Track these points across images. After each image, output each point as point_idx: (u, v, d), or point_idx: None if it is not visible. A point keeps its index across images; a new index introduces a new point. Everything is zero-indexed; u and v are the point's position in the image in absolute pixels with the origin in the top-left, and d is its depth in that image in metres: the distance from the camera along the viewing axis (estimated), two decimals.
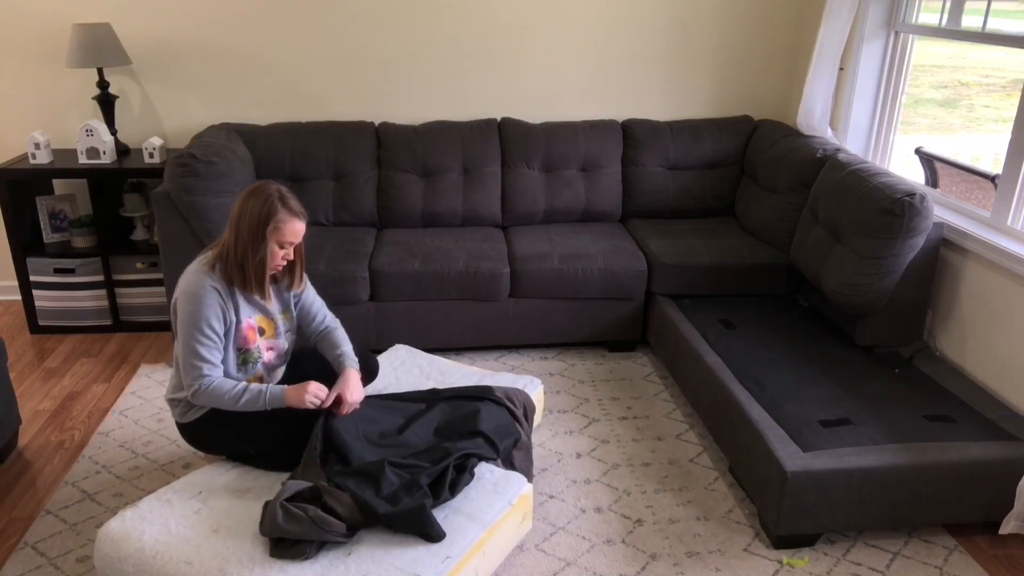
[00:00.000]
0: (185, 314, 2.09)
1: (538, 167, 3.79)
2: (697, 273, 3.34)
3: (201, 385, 2.09)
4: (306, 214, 2.19)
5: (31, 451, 2.78)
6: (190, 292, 2.10)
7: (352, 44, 3.81)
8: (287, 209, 2.13)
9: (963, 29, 3.13)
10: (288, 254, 2.19)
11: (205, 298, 2.09)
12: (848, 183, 2.96)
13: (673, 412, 3.07)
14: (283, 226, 2.12)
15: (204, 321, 2.09)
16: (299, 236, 2.18)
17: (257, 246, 2.11)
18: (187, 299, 2.09)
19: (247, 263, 2.13)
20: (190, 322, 2.08)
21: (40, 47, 3.67)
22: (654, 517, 2.46)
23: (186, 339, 2.09)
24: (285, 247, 2.17)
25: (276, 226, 2.11)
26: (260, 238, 2.11)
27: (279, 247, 2.16)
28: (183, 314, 2.10)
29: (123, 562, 1.90)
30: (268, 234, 2.11)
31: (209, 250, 2.21)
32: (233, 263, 2.13)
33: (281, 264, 2.20)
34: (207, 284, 2.10)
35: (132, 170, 3.50)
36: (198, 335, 2.09)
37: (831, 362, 2.79)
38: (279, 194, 2.14)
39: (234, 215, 2.14)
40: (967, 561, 2.30)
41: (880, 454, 2.25)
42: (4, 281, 4.03)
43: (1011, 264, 2.60)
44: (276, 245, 2.15)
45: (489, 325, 3.40)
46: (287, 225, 2.12)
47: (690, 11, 3.91)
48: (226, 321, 2.14)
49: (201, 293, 2.09)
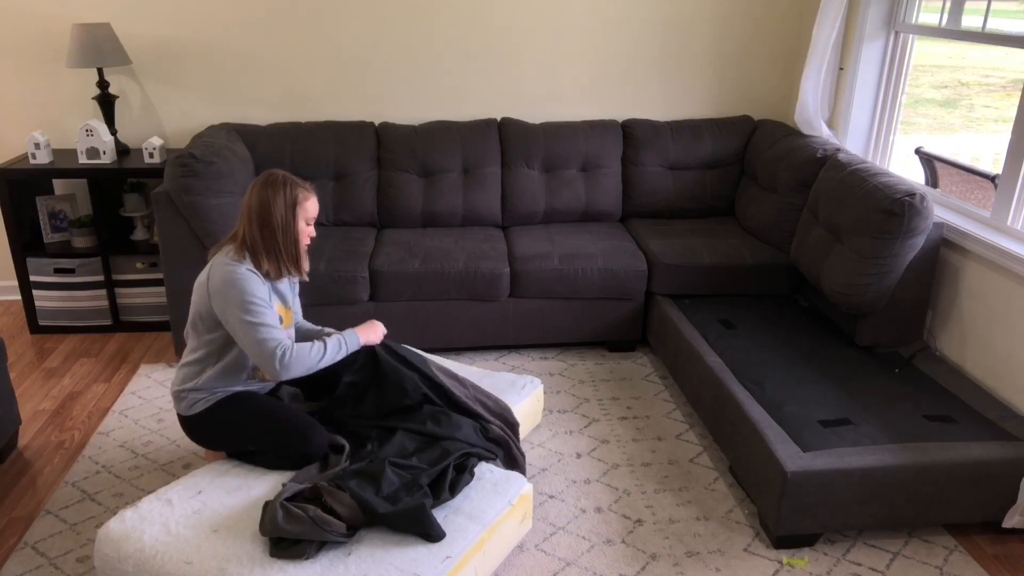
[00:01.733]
0: (232, 300, 2.11)
1: (538, 167, 3.79)
2: (697, 273, 3.34)
3: (285, 357, 2.12)
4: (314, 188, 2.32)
5: (31, 451, 2.78)
6: (229, 279, 2.13)
7: (352, 44, 3.81)
8: (304, 189, 2.25)
9: (963, 29, 3.13)
10: (311, 230, 2.29)
11: (246, 277, 2.14)
12: (848, 183, 2.96)
13: (673, 412, 3.07)
14: (307, 203, 2.24)
15: (253, 296, 2.12)
16: (317, 210, 2.31)
17: (289, 230, 2.20)
18: (228, 285, 2.12)
19: (282, 251, 2.21)
20: (241, 304, 2.11)
21: (40, 47, 3.67)
22: (654, 517, 2.46)
23: (245, 321, 2.11)
24: (310, 223, 2.29)
25: (302, 206, 2.23)
26: (292, 221, 2.21)
27: (306, 224, 2.27)
28: (231, 301, 2.11)
29: (123, 562, 1.90)
30: (299, 215, 2.22)
31: (227, 247, 2.22)
32: (264, 253, 2.19)
33: (308, 240, 2.30)
34: (242, 268, 2.15)
35: (132, 170, 3.50)
36: (255, 311, 2.12)
37: (831, 362, 2.79)
38: (289, 179, 2.24)
39: (252, 209, 2.19)
40: (967, 561, 2.30)
41: (880, 454, 2.25)
42: (4, 281, 4.03)
43: (1011, 264, 2.60)
44: (304, 223, 2.26)
45: (489, 325, 3.40)
46: (309, 203, 2.25)
47: (690, 11, 3.91)
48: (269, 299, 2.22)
49: (240, 274, 2.14)
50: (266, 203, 2.18)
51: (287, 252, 2.22)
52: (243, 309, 2.10)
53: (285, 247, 2.21)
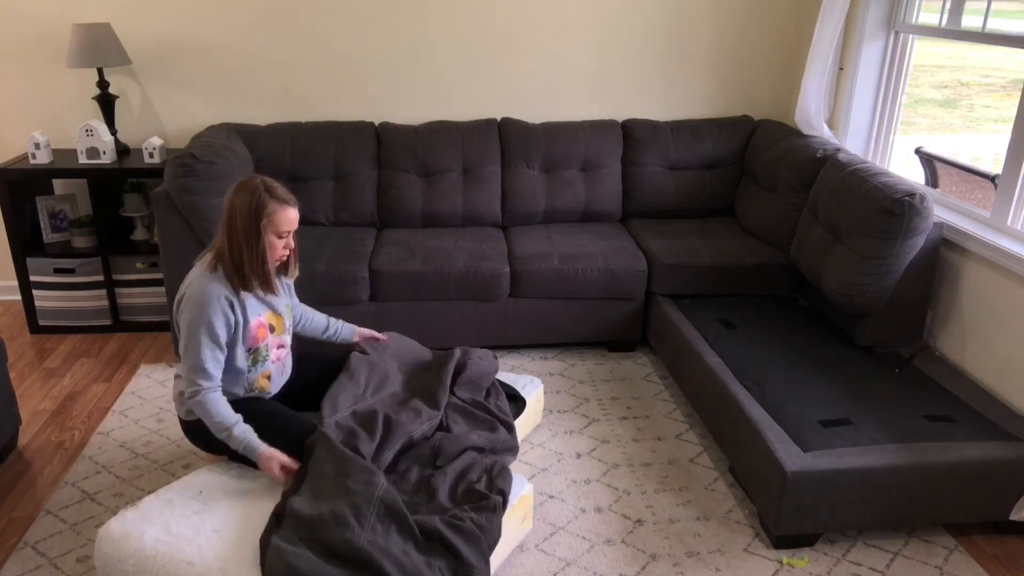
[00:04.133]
0: (190, 321, 2.08)
1: (538, 167, 3.79)
2: (697, 273, 3.34)
3: (198, 398, 2.08)
4: (295, 200, 2.17)
5: (31, 451, 2.78)
6: (195, 299, 2.08)
7: (352, 44, 3.81)
8: (275, 199, 2.10)
9: (963, 29, 3.13)
10: (288, 243, 2.18)
11: (210, 305, 2.07)
12: (848, 183, 2.96)
13: (673, 412, 3.07)
14: (276, 216, 2.09)
15: (207, 330, 2.07)
16: (294, 224, 2.15)
17: (253, 243, 2.08)
18: (192, 306, 2.08)
19: (245, 263, 2.10)
20: (194, 330, 2.07)
21: (40, 47, 3.67)
22: (654, 517, 2.46)
23: (190, 346, 2.08)
24: (283, 236, 2.15)
25: (269, 218, 2.09)
26: (255, 234, 2.08)
27: (277, 238, 2.14)
28: (189, 321, 2.08)
29: (123, 562, 1.90)
30: (263, 228, 2.08)
31: (207, 253, 2.19)
32: (231, 265, 2.10)
33: (284, 255, 2.19)
34: (213, 291, 2.08)
35: (132, 170, 3.50)
36: (201, 346, 2.07)
37: (831, 362, 2.79)
38: (264, 185, 2.10)
39: (224, 216, 2.11)
40: (967, 561, 2.30)
41: (880, 454, 2.25)
42: (4, 281, 4.03)
43: (1011, 264, 2.60)
44: (274, 236, 2.12)
45: (489, 325, 3.40)
46: (279, 215, 2.09)
47: (690, 11, 3.91)
48: (233, 326, 2.13)
49: (206, 300, 2.07)
50: (232, 210, 2.08)
51: (251, 267, 2.10)
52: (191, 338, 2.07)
53: (250, 261, 2.09)
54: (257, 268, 2.11)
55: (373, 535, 1.87)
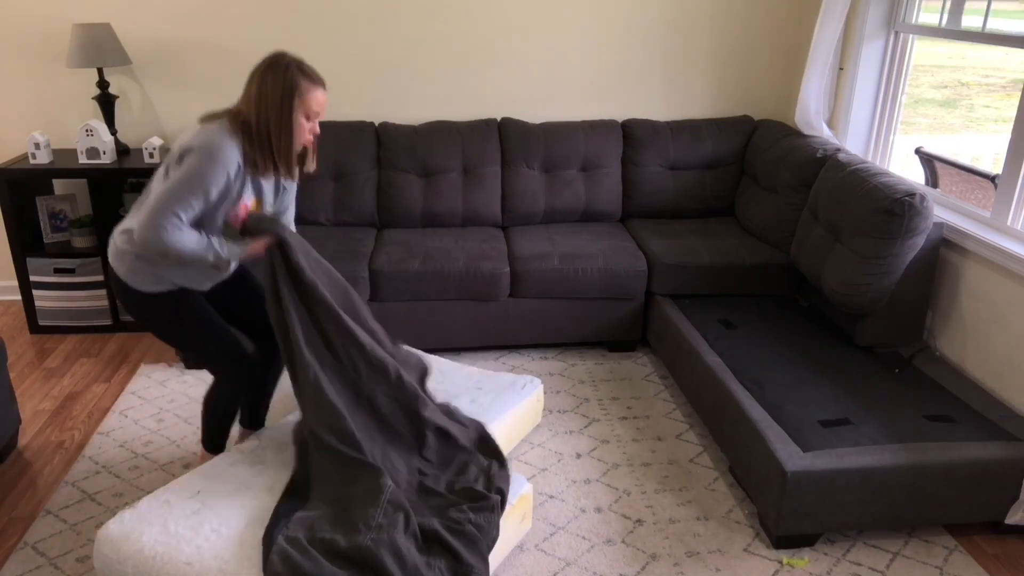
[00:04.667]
0: (192, 168, 1.95)
1: (538, 167, 3.79)
2: (697, 273, 3.34)
3: (166, 235, 1.94)
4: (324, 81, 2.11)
5: (31, 451, 2.78)
6: (207, 150, 1.96)
7: (352, 44, 3.81)
8: (308, 78, 2.04)
9: (963, 29, 3.12)
10: (314, 127, 2.11)
11: (220, 163, 1.96)
12: (848, 183, 2.95)
13: (673, 412, 3.07)
14: (308, 96, 2.03)
15: (202, 184, 1.95)
16: (323, 106, 2.10)
17: (284, 122, 2.01)
18: (201, 156, 1.95)
19: (272, 140, 2.01)
20: (192, 179, 1.95)
21: (40, 47, 3.67)
22: (654, 517, 2.46)
23: (179, 190, 1.95)
24: (311, 119, 2.08)
25: (301, 97, 2.01)
26: (288, 112, 2.00)
27: (307, 119, 2.07)
28: (190, 167, 1.95)
29: (123, 564, 1.90)
30: (295, 107, 2.01)
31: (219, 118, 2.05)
32: (257, 143, 2.02)
33: (310, 138, 2.12)
34: (229, 153, 1.98)
35: (132, 170, 3.49)
36: (191, 196, 1.95)
37: (831, 362, 2.79)
38: (297, 64, 2.03)
39: (251, 93, 2.02)
40: (967, 561, 2.30)
41: (880, 454, 2.25)
42: (4, 281, 4.03)
43: (1011, 264, 2.60)
44: (303, 117, 2.06)
45: (489, 325, 3.40)
46: (311, 94, 2.03)
47: (690, 11, 3.90)
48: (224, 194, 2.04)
49: (218, 156, 1.96)
50: (264, 88, 1.99)
51: (277, 146, 2.02)
52: (185, 184, 1.95)
53: (276, 141, 2.01)
54: (283, 148, 2.04)
55: (378, 533, 1.87)
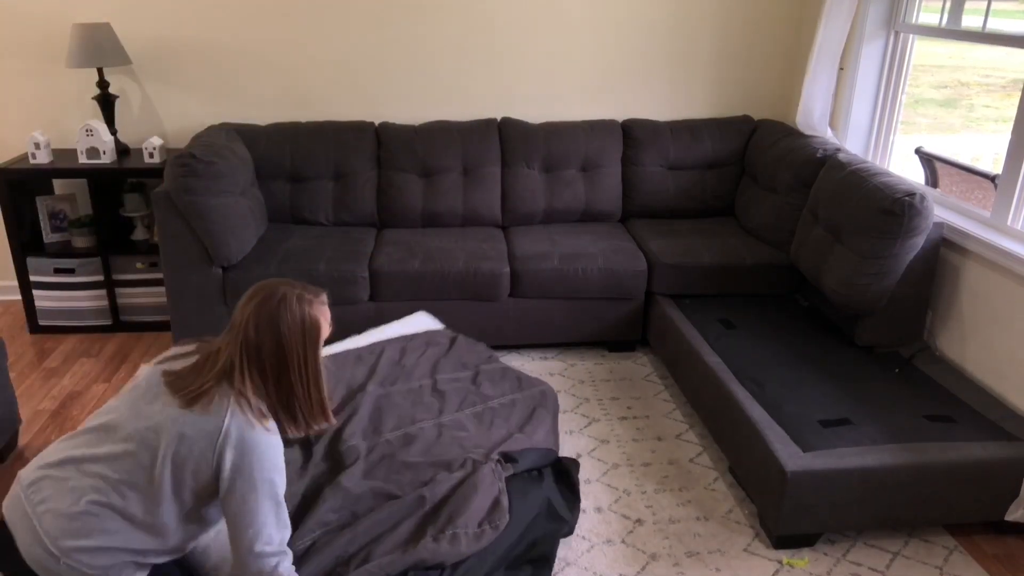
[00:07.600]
0: (262, 480, 1.60)
1: (538, 167, 3.79)
2: (697, 273, 3.34)
3: (280, 566, 1.63)
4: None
5: (31, 451, 2.77)
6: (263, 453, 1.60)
7: (352, 44, 3.81)
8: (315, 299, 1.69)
9: (963, 29, 3.13)
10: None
11: (281, 464, 1.63)
12: (848, 183, 2.96)
13: (673, 412, 3.07)
14: (325, 320, 1.70)
15: (276, 491, 1.63)
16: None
17: (309, 369, 1.64)
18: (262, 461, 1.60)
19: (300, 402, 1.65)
20: (270, 491, 1.61)
21: (40, 47, 3.67)
22: (654, 517, 2.46)
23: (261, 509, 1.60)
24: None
25: (324, 327, 1.68)
26: (313, 355, 1.64)
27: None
28: (259, 480, 1.60)
29: None
30: (319, 343, 1.66)
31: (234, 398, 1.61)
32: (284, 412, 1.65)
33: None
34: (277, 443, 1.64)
35: (132, 170, 3.50)
36: (278, 508, 1.63)
37: (831, 362, 2.79)
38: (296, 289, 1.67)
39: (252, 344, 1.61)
40: (967, 561, 2.30)
41: (880, 454, 2.25)
42: (4, 281, 4.03)
43: (1011, 264, 2.60)
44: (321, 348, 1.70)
45: (489, 325, 3.40)
46: (326, 316, 1.70)
47: (690, 11, 3.91)
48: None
49: (278, 457, 1.63)
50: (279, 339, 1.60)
51: (308, 401, 1.65)
52: (264, 498, 1.60)
53: (306, 395, 1.64)
54: (317, 398, 1.67)
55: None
